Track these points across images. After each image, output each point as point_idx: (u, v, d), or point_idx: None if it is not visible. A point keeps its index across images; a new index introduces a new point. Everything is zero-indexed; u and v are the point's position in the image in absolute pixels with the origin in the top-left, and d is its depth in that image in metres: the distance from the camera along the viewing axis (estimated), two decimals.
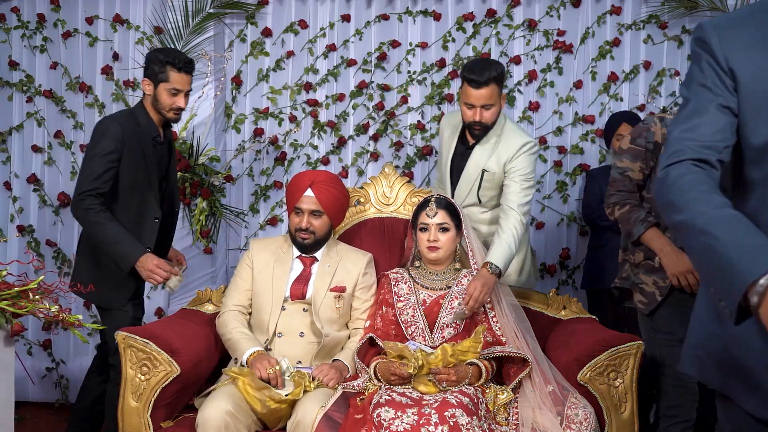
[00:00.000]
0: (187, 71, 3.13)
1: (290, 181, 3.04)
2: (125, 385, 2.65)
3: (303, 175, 2.99)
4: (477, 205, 3.23)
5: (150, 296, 4.46)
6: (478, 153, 3.18)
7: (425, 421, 2.34)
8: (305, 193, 2.90)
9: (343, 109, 4.37)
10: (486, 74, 3.01)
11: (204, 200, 4.16)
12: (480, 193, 3.19)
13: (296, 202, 2.91)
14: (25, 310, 2.66)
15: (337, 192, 2.96)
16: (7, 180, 4.53)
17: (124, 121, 3.10)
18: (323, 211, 2.91)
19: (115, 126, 3.04)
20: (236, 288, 2.96)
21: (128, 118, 3.13)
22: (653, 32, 4.28)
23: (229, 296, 2.96)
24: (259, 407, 2.53)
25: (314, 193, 2.89)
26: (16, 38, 4.51)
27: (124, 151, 3.02)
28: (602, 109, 4.31)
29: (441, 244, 2.86)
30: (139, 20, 4.43)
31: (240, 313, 2.91)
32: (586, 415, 2.51)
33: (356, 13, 4.37)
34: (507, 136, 3.15)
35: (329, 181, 2.97)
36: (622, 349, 2.61)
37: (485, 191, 3.19)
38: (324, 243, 2.98)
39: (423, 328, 2.82)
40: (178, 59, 3.09)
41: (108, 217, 2.94)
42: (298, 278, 2.93)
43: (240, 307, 2.92)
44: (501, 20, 4.32)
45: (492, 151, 3.14)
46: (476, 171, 3.17)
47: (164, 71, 3.08)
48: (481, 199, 3.21)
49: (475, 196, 3.20)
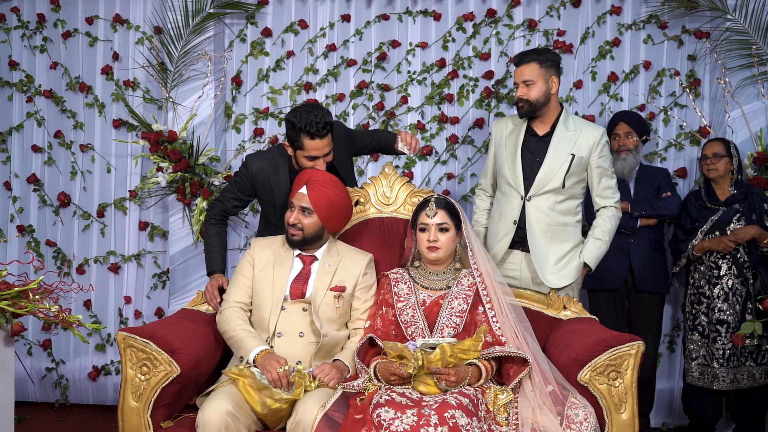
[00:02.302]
0: (321, 136, 3.02)
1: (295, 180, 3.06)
2: (125, 385, 2.65)
3: (305, 172, 3.01)
4: (557, 192, 3.31)
5: (150, 296, 4.47)
6: (562, 139, 3.32)
7: (425, 421, 2.34)
8: (300, 190, 2.92)
9: (343, 109, 4.37)
10: (526, 54, 3.33)
11: (204, 200, 4.16)
12: (566, 178, 3.29)
13: (292, 197, 2.94)
14: (25, 310, 2.67)
15: (331, 194, 2.92)
16: (7, 180, 4.53)
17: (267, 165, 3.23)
18: (313, 210, 2.90)
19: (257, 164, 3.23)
20: (237, 285, 2.95)
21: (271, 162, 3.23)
22: (653, 32, 4.28)
23: (230, 293, 2.96)
24: (260, 408, 2.53)
25: (307, 191, 2.90)
26: (16, 38, 4.51)
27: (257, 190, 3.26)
28: (602, 109, 4.31)
29: (440, 244, 2.87)
30: (139, 20, 4.43)
31: (242, 310, 2.90)
32: (586, 415, 2.51)
33: (356, 13, 4.38)
34: (582, 124, 3.38)
35: (326, 182, 2.95)
36: (623, 349, 2.61)
37: (571, 176, 3.30)
38: (315, 243, 2.96)
39: (423, 328, 2.82)
40: (310, 126, 2.98)
41: (213, 230, 3.25)
42: (297, 277, 2.93)
43: (241, 304, 2.92)
44: (501, 20, 4.32)
45: (575, 137, 3.31)
46: (564, 156, 3.29)
47: (299, 139, 3.02)
48: (565, 183, 3.30)
49: (560, 181, 3.29)
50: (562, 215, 3.33)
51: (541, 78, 3.27)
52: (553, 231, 3.29)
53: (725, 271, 3.75)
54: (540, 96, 3.28)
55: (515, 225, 3.31)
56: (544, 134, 3.35)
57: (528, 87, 3.27)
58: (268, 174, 3.19)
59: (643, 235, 3.90)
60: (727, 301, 3.73)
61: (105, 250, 4.48)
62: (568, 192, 3.32)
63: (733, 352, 3.71)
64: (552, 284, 3.26)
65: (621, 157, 3.89)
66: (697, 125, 4.24)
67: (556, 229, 3.30)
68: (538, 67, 3.27)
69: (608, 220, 3.35)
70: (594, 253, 3.32)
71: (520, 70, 3.29)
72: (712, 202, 3.84)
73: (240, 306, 2.91)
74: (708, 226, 3.79)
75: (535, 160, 3.33)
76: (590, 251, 3.31)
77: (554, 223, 3.30)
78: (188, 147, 4.21)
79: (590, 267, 3.34)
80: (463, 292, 2.85)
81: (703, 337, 3.77)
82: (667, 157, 4.28)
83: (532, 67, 3.27)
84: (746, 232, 3.72)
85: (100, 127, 4.48)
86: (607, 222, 3.34)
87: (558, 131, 3.33)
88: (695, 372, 3.78)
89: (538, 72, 3.27)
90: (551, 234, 3.29)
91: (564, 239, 3.32)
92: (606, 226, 3.34)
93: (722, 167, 3.81)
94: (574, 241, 3.35)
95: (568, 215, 3.34)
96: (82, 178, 4.49)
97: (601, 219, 3.36)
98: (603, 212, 3.37)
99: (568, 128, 3.33)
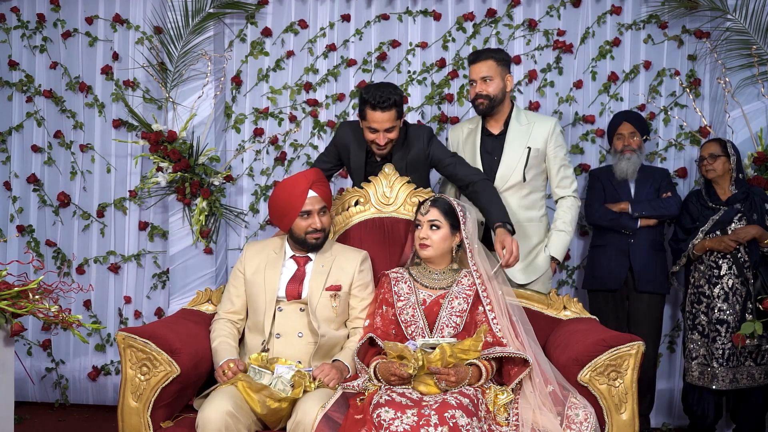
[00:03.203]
0: (383, 109, 3.11)
1: (282, 191, 2.95)
2: (125, 385, 2.65)
3: (297, 181, 2.95)
4: (520, 186, 3.39)
5: (150, 296, 4.47)
6: (516, 134, 3.41)
7: (425, 422, 2.34)
8: (309, 195, 2.91)
9: (343, 108, 4.37)
10: (482, 52, 3.43)
11: (204, 200, 4.16)
12: (526, 171, 3.38)
13: (302, 206, 2.90)
14: (25, 310, 2.67)
15: (328, 187, 3.05)
16: (7, 180, 4.53)
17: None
18: (327, 206, 2.96)
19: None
20: (228, 296, 3.00)
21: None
22: (653, 32, 4.28)
23: (221, 304, 3.02)
24: (259, 408, 2.53)
25: (316, 192, 2.93)
26: (16, 38, 4.51)
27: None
28: (602, 109, 4.31)
29: (431, 241, 2.88)
30: (139, 20, 4.43)
31: (230, 321, 2.94)
32: (586, 415, 2.51)
33: (356, 13, 4.37)
34: (534, 117, 3.51)
35: (321, 177, 3.02)
36: (623, 350, 2.61)
37: (531, 169, 3.40)
38: (326, 239, 3.02)
39: (423, 327, 2.82)
40: (373, 98, 3.11)
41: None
42: (292, 278, 2.93)
43: (230, 314, 2.96)
44: (501, 20, 4.32)
45: (529, 130, 3.42)
46: (520, 150, 3.39)
47: (363, 109, 3.15)
48: (526, 176, 3.38)
49: (520, 175, 3.39)
50: (527, 210, 3.42)
51: (498, 75, 3.36)
52: (519, 227, 3.33)
53: (725, 270, 3.75)
54: (498, 92, 3.37)
55: (482, 226, 3.32)
56: (499, 132, 3.45)
57: (486, 83, 3.35)
58: (349, 141, 3.37)
59: (643, 236, 3.89)
60: (727, 301, 3.73)
61: (105, 250, 4.48)
62: (531, 185, 3.42)
63: (732, 352, 3.70)
64: (519, 281, 3.35)
65: (625, 157, 3.89)
66: (698, 125, 4.24)
67: (522, 225, 3.38)
68: (495, 65, 3.36)
69: (568, 210, 3.46)
70: (559, 245, 3.43)
71: (477, 67, 3.37)
72: (714, 201, 3.83)
73: (228, 317, 2.95)
74: (709, 225, 3.79)
75: (493, 158, 3.42)
76: (555, 244, 3.43)
77: (522, 219, 3.39)
78: (188, 147, 4.20)
79: (558, 259, 3.46)
80: (463, 292, 2.85)
81: (702, 337, 3.77)
82: (667, 157, 4.28)
83: (489, 64, 3.35)
84: (747, 232, 3.71)
85: (100, 127, 4.48)
86: (567, 212, 3.46)
87: (512, 127, 3.43)
88: (695, 372, 3.78)
89: (495, 69, 3.36)
90: (519, 230, 3.33)
91: (530, 234, 3.42)
92: (566, 217, 3.45)
93: (720, 167, 3.81)
94: (538, 237, 3.46)
95: (533, 209, 3.45)
96: (82, 178, 4.49)
97: (561, 210, 3.47)
98: (562, 203, 3.48)
99: (521, 123, 3.44)
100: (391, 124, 3.17)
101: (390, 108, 3.13)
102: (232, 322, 2.94)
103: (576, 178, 3.58)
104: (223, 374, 2.68)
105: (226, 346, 2.82)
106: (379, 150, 3.25)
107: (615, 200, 3.91)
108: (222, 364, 2.72)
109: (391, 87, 3.19)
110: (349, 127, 3.44)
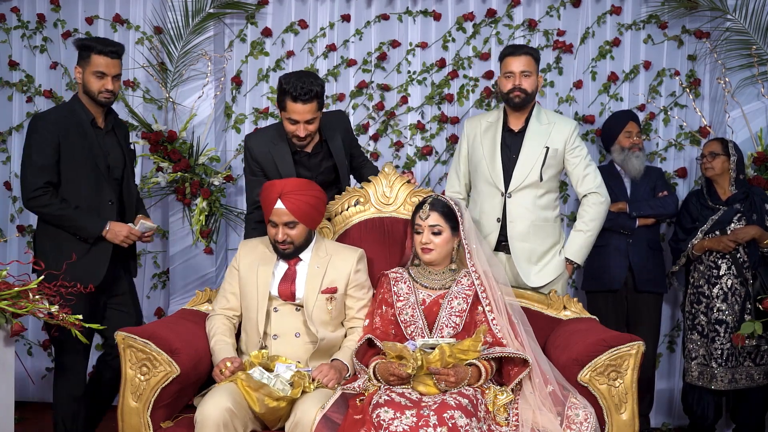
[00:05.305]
0: (304, 101, 3.02)
1: (261, 193, 2.94)
2: (125, 385, 2.65)
3: (271, 186, 2.88)
4: (536, 186, 3.33)
5: (150, 296, 4.47)
6: (536, 133, 3.36)
7: (424, 422, 2.34)
8: (275, 206, 2.82)
9: (343, 109, 4.37)
10: (521, 47, 3.37)
11: (204, 200, 4.16)
12: (543, 171, 3.32)
13: (269, 215, 2.85)
14: (25, 310, 2.67)
15: (308, 198, 2.85)
16: (7, 180, 4.53)
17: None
18: (297, 221, 2.83)
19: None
20: (223, 292, 2.98)
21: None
22: (653, 32, 4.28)
23: (216, 300, 3.00)
24: (258, 407, 2.53)
25: (284, 204, 2.80)
26: (16, 38, 4.51)
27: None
28: (602, 109, 4.31)
29: (433, 246, 2.87)
30: (139, 20, 4.43)
31: (225, 317, 2.92)
32: (586, 415, 2.51)
33: (356, 13, 4.37)
34: (555, 117, 3.46)
35: (298, 189, 2.85)
36: (623, 350, 2.61)
37: (548, 169, 3.33)
38: (306, 247, 2.93)
39: (422, 327, 2.82)
40: (294, 89, 3.01)
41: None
42: (284, 277, 2.91)
43: (226, 310, 2.94)
44: (501, 20, 4.32)
45: (548, 130, 3.36)
46: (538, 149, 3.33)
47: (283, 100, 3.07)
48: (543, 176, 3.32)
49: (537, 174, 3.32)
50: (543, 210, 3.36)
51: (535, 72, 3.34)
52: (535, 227, 3.31)
53: (725, 270, 3.75)
54: (533, 88, 3.35)
55: (499, 223, 3.33)
56: (519, 129, 3.40)
57: (525, 78, 3.31)
58: (268, 147, 3.22)
59: (640, 235, 3.90)
60: (726, 301, 3.73)
61: None
62: (546, 185, 3.36)
63: (731, 352, 3.70)
64: (534, 283, 3.29)
65: (635, 155, 3.90)
66: (697, 125, 4.24)
67: (538, 225, 3.33)
68: (533, 61, 3.34)
69: (589, 208, 3.35)
70: (574, 246, 3.36)
71: (518, 60, 3.31)
72: (714, 201, 3.84)
73: (224, 313, 2.94)
74: (708, 225, 3.79)
75: (511, 156, 3.37)
76: (570, 245, 3.36)
77: (536, 218, 3.34)
78: (188, 147, 4.20)
79: (576, 262, 3.37)
80: (462, 292, 2.85)
81: (702, 337, 3.77)
82: (667, 157, 4.28)
83: (529, 60, 3.32)
84: (746, 232, 3.71)
85: None
86: (587, 210, 3.35)
87: (531, 125, 3.38)
88: (695, 372, 3.78)
89: (533, 65, 3.33)
90: (534, 230, 3.31)
91: (545, 236, 3.35)
92: (586, 215, 3.35)
93: (719, 166, 3.81)
94: (554, 238, 3.38)
95: (548, 210, 3.37)
96: None
97: (581, 209, 3.39)
98: (584, 201, 3.37)
99: (542, 122, 3.39)
100: (312, 115, 3.07)
101: (311, 100, 3.03)
102: (228, 317, 2.92)
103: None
104: (220, 373, 2.68)
105: (222, 345, 2.81)
106: (299, 141, 3.15)
107: (612, 200, 3.91)
108: (219, 363, 2.72)
109: (312, 77, 3.07)
110: (255, 139, 3.29)
